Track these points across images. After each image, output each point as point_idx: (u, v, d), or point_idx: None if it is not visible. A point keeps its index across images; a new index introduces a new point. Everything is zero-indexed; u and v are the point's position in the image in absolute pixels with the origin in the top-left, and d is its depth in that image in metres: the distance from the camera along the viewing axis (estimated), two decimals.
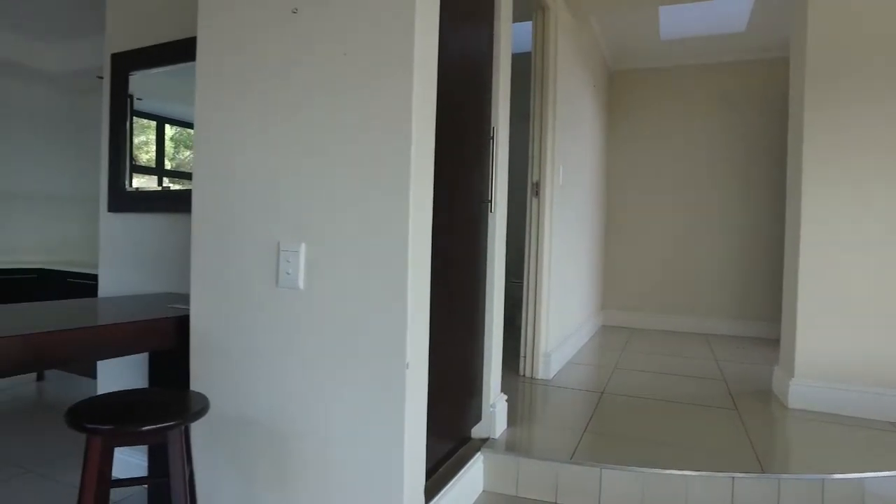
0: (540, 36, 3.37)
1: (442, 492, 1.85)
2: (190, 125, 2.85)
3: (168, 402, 1.47)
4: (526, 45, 3.89)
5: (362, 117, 1.55)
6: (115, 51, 2.73)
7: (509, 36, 2.52)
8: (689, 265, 5.43)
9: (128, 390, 1.59)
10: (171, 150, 2.82)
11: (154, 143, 2.81)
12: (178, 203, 2.60)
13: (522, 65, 3.41)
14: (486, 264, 2.40)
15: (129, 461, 2.58)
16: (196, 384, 1.83)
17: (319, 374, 1.61)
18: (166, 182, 2.82)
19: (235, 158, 1.76)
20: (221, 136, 1.79)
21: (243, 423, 1.74)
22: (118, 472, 2.61)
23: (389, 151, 1.51)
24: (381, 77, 1.53)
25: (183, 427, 1.40)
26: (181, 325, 1.85)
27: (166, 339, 1.82)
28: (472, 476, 2.13)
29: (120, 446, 1.33)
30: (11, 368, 1.43)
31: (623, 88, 5.64)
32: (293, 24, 1.67)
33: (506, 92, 2.48)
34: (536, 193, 3.38)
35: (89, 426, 1.30)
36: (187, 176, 2.86)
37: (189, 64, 2.56)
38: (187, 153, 2.87)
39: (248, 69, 1.74)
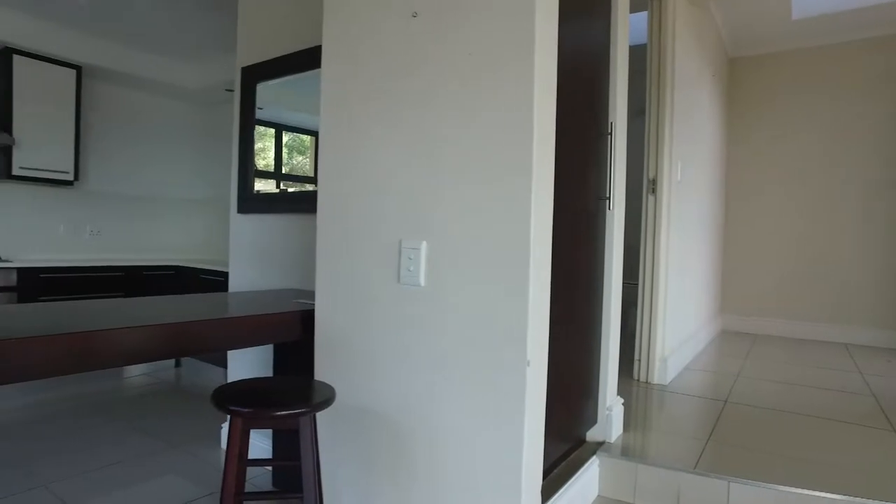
0: (656, 25, 3.23)
1: (558, 494, 1.81)
2: (302, 131, 3.02)
3: (299, 391, 1.55)
4: (639, 37, 3.74)
5: (482, 115, 1.56)
6: (245, 64, 2.94)
7: (626, 27, 2.43)
8: (825, 267, 4.95)
9: (263, 378, 1.70)
10: (286, 156, 3.00)
11: (272, 149, 2.99)
12: (296, 204, 2.75)
13: (635, 57, 3.27)
14: (603, 262, 2.33)
15: (257, 445, 2.76)
16: (320, 375, 1.92)
17: (439, 370, 1.63)
18: (282, 185, 3.00)
19: (358, 159, 1.83)
20: (345, 139, 1.87)
21: (363, 413, 1.80)
22: (250, 453, 2.81)
23: (511, 148, 1.51)
24: (501, 74, 1.52)
25: (312, 414, 1.47)
26: (307, 319, 1.95)
27: (293, 331, 1.93)
28: (588, 480, 2.07)
29: (256, 428, 1.42)
30: (166, 353, 1.57)
31: (744, 76, 5.25)
32: (414, 27, 1.70)
33: (623, 85, 2.39)
34: (653, 190, 3.23)
35: (232, 408, 1.40)
36: (300, 179, 3.03)
37: (307, 73, 2.72)
38: (300, 158, 3.04)
39: (369, 73, 1.81)
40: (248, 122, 2.91)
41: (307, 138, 3.02)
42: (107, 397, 3.88)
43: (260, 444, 2.77)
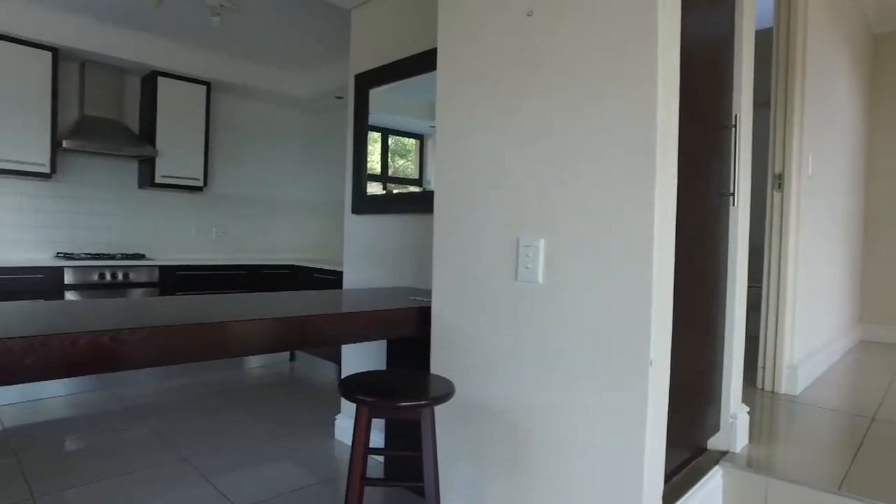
0: (784, 4, 3.00)
1: (679, 502, 1.73)
2: (406, 134, 3.10)
3: (420, 384, 1.60)
4: (764, 20, 3.50)
5: (602, 109, 1.53)
6: (357, 71, 3.07)
7: (753, 11, 2.29)
8: None
9: (385, 370, 1.77)
10: (388, 159, 3.11)
11: (377, 153, 3.10)
12: (407, 205, 2.84)
13: (759, 43, 3.06)
14: (726, 262, 2.20)
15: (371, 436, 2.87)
16: (435, 370, 1.96)
17: (556, 368, 1.62)
18: (388, 187, 3.10)
19: (473, 157, 1.85)
20: (461, 137, 1.90)
21: (478, 409, 1.82)
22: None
23: (632, 142, 1.47)
24: (622, 66, 1.49)
25: (433, 406, 1.51)
26: (423, 315, 2.01)
27: (410, 327, 1.99)
28: (710, 490, 1.96)
29: (379, 417, 1.48)
30: (294, 344, 1.68)
31: (892, 54, 4.72)
32: (529, 23, 1.70)
33: (749, 74, 2.25)
34: (779, 186, 3.01)
35: (359, 397, 1.47)
36: (404, 181, 3.11)
37: (415, 77, 2.80)
38: (401, 161, 3.13)
39: (484, 71, 1.83)
40: (362, 127, 3.04)
41: (408, 141, 3.11)
42: (229, 386, 4.19)
43: (373, 435, 2.87)
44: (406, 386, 1.57)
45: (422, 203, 2.77)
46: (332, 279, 4.30)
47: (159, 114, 4.38)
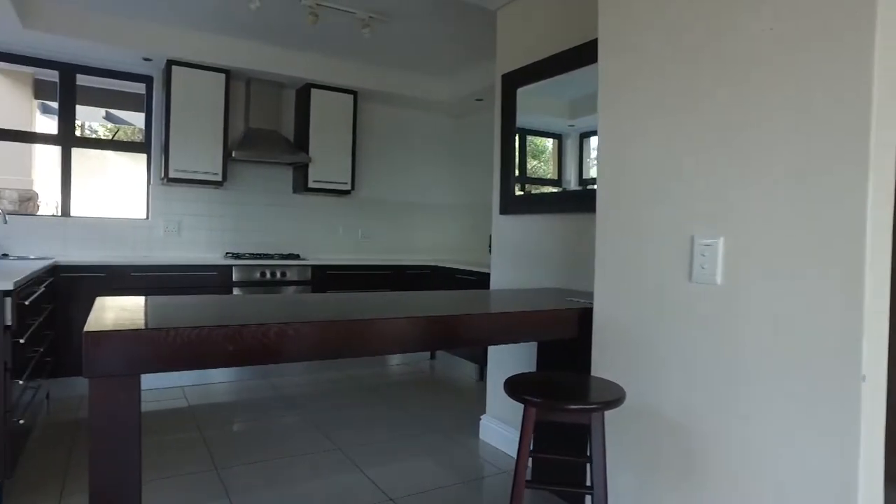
0: None
1: None
2: (542, 134, 3.04)
3: (588, 387, 1.55)
4: None
5: (796, 94, 1.38)
6: (504, 71, 3.07)
7: None
8: None
9: (550, 371, 1.74)
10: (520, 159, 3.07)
11: (515, 153, 3.06)
12: (555, 205, 2.78)
13: None
14: None
15: (502, 434, 2.84)
16: (597, 373, 1.89)
17: (738, 378, 1.48)
18: (526, 187, 3.06)
19: (640, 152, 1.76)
20: (627, 132, 1.82)
21: (643, 414, 1.73)
22: (496, 442, 2.92)
23: (839, 131, 1.30)
24: (822, 47, 1.33)
25: (603, 411, 1.45)
26: (584, 317, 1.94)
27: (569, 329, 1.94)
28: None
29: (546, 419, 1.44)
30: (453, 342, 1.69)
31: None
32: (704, 5, 1.59)
33: None
34: None
35: (526, 397, 1.45)
36: (540, 181, 3.05)
37: (559, 77, 2.73)
38: (533, 162, 3.07)
39: (654, 60, 1.73)
40: (510, 128, 3.03)
41: (541, 142, 3.06)
42: (373, 381, 4.38)
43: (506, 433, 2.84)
44: (574, 388, 1.52)
45: (571, 202, 2.70)
46: (473, 279, 4.34)
47: (312, 123, 4.69)
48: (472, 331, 1.74)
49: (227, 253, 4.63)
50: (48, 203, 7.00)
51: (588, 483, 1.81)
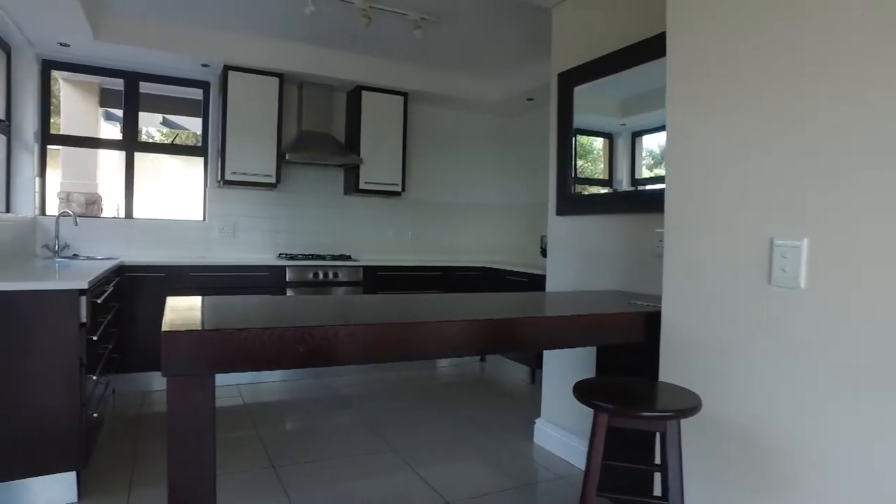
0: None
1: None
2: (593, 134, 2.97)
3: (661, 393, 1.49)
4: None
5: (885, 85, 1.29)
6: (561, 70, 3.01)
7: None
8: None
9: (618, 377, 1.69)
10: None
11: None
12: (615, 205, 2.71)
13: None
14: None
15: (563, 441, 2.79)
16: (665, 378, 1.83)
17: (818, 388, 1.40)
18: (574, 188, 2.99)
19: (713, 153, 1.69)
20: (699, 127, 1.75)
21: (716, 422, 1.66)
22: (552, 447, 2.87)
23: None
24: None
25: (679, 419, 1.39)
26: (650, 320, 1.88)
27: (635, 333, 1.88)
28: None
29: (617, 425, 1.40)
30: (511, 346, 1.66)
31: None
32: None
33: None
34: None
35: (597, 402, 1.41)
36: (590, 182, 2.98)
37: (621, 73, 2.66)
38: (579, 162, 3.00)
39: (729, 56, 1.66)
40: (566, 127, 2.97)
41: (587, 140, 2.99)
42: (423, 382, 4.38)
43: (562, 438, 2.79)
44: (646, 395, 1.47)
45: (632, 203, 2.64)
46: (524, 281, 4.29)
47: (363, 125, 4.73)
48: (538, 334, 1.71)
49: (281, 254, 4.72)
50: (109, 205, 7.31)
51: (658, 493, 1.75)
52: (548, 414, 3.11)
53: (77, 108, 6.27)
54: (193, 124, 8.68)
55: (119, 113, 7.96)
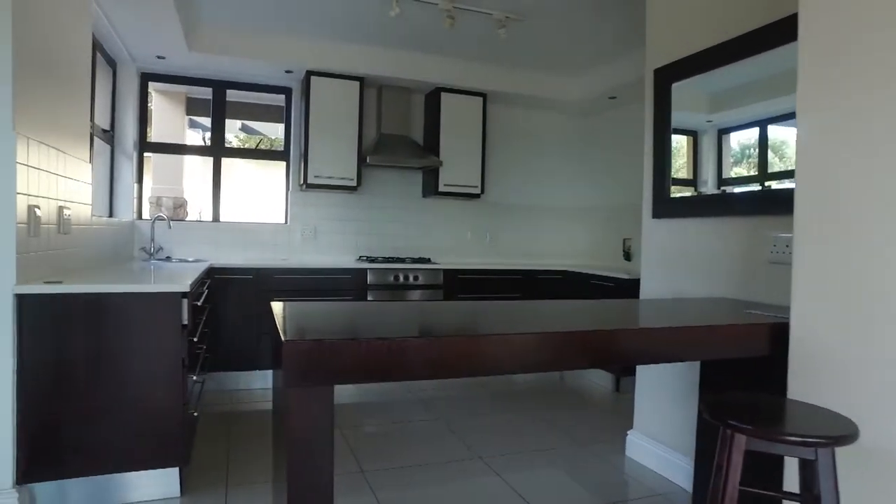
0: None
1: None
2: (676, 132, 2.80)
3: (804, 415, 1.35)
4: None
5: None
6: (657, 66, 2.86)
7: None
8: None
9: (755, 394, 1.55)
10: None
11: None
12: (718, 207, 2.54)
13: None
14: None
15: (656, 453, 2.63)
16: (795, 397, 1.67)
17: None
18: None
19: (855, 150, 1.53)
20: (833, 127, 1.59)
21: (874, 453, 1.49)
22: (646, 461, 2.71)
23: None
24: None
25: (833, 447, 1.25)
26: (776, 333, 1.73)
27: (758, 346, 1.73)
28: None
29: (755, 449, 1.27)
30: (619, 360, 1.55)
31: None
32: None
33: None
34: None
35: (732, 422, 1.29)
36: (678, 182, 2.81)
37: (728, 66, 2.49)
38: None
39: (872, 36, 1.49)
40: (663, 126, 2.82)
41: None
42: (502, 386, 4.29)
43: (658, 452, 2.63)
44: (788, 416, 1.34)
45: (738, 205, 2.46)
46: (610, 286, 4.13)
47: (442, 127, 4.71)
48: (647, 347, 1.60)
49: (361, 256, 4.76)
50: (193, 209, 7.65)
51: None
52: (642, 425, 2.96)
53: (166, 116, 6.59)
54: (269, 129, 8.98)
55: (201, 121, 8.34)
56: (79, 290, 2.19)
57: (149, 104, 4.56)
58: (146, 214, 4.56)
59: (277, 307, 1.62)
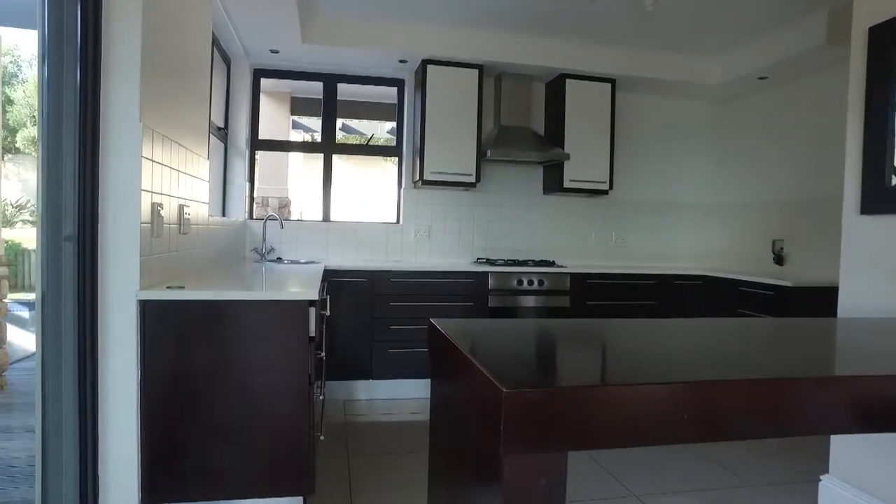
0: None
1: None
2: None
3: None
4: None
5: None
6: (873, 23, 2.29)
7: None
8: None
9: None
10: None
11: None
12: None
13: None
14: None
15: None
16: None
17: None
18: None
19: None
20: None
21: None
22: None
23: None
24: None
25: None
26: None
27: None
28: None
29: None
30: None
31: None
32: None
33: None
34: None
35: None
36: None
37: None
38: None
39: None
40: (884, 96, 2.25)
41: None
42: None
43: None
44: None
45: None
46: (768, 295, 3.53)
47: (567, 117, 4.27)
48: None
49: (479, 258, 4.42)
50: (296, 209, 7.65)
51: None
52: (839, 470, 2.39)
53: (272, 117, 6.58)
54: (368, 128, 8.88)
55: (304, 121, 8.36)
56: (202, 296, 1.97)
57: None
58: (255, 214, 4.44)
59: (448, 328, 1.27)
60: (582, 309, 4.01)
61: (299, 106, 7.08)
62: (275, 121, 6.70)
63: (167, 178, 2.18)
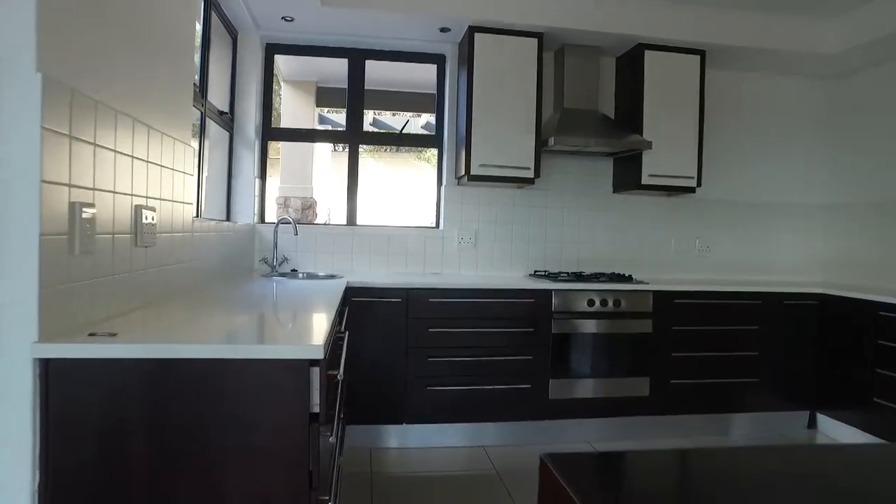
0: None
1: None
2: None
3: None
4: None
5: None
6: None
7: None
8: None
9: None
10: None
11: None
12: None
13: None
14: None
15: None
16: None
17: None
18: None
19: None
20: None
21: None
22: None
23: None
24: None
25: None
26: None
27: None
28: None
29: None
30: None
31: None
32: None
33: None
34: None
35: None
36: None
37: None
38: None
39: None
40: None
41: None
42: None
43: None
44: None
45: None
46: None
47: (646, 97, 3.45)
48: None
49: (536, 271, 3.63)
50: (322, 211, 6.96)
51: None
52: None
53: (296, 108, 5.91)
54: (401, 123, 8.17)
55: (331, 116, 7.67)
56: (141, 352, 1.24)
57: (277, 91, 3.78)
58: (271, 216, 3.73)
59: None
60: (667, 334, 3.19)
61: (326, 97, 6.38)
62: (300, 113, 6.03)
63: (108, 167, 1.46)
